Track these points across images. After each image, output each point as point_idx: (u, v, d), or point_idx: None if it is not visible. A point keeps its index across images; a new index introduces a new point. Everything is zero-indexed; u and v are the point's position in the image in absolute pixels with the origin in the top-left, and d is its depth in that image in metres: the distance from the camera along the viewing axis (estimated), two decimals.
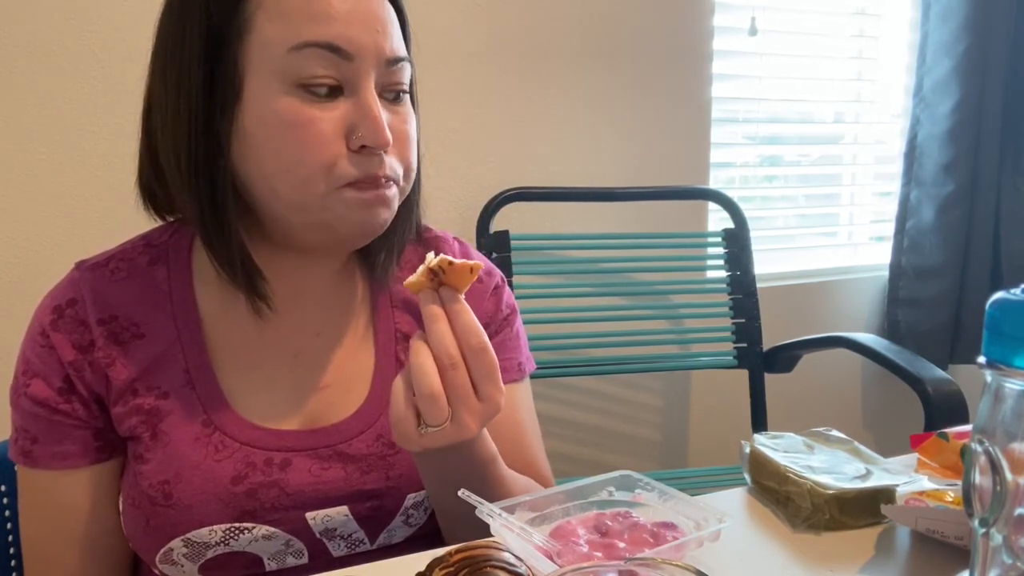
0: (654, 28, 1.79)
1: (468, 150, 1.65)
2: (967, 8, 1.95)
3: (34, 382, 0.71)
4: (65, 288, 0.74)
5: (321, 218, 0.69)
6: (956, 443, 0.77)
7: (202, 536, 0.69)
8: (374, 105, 0.67)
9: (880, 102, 2.19)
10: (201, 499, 0.69)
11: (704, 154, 1.90)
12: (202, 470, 0.70)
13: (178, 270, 0.75)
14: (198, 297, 0.75)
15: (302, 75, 0.66)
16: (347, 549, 0.75)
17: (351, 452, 0.74)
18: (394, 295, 0.82)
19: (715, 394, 1.96)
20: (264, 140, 0.67)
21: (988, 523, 0.43)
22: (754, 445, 0.81)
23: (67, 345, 0.71)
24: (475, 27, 1.62)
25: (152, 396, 0.71)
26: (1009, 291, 0.42)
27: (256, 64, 0.66)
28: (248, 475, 0.71)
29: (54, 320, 0.72)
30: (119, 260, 0.75)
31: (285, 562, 0.73)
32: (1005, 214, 2.08)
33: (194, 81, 0.67)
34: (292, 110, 0.66)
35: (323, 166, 0.67)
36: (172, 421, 0.71)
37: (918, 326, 2.09)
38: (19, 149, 1.31)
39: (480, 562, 0.54)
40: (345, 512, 0.73)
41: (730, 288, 1.75)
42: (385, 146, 0.68)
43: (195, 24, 0.67)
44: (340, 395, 0.76)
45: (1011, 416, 0.42)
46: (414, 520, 0.77)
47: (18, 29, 1.28)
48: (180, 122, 0.68)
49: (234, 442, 0.72)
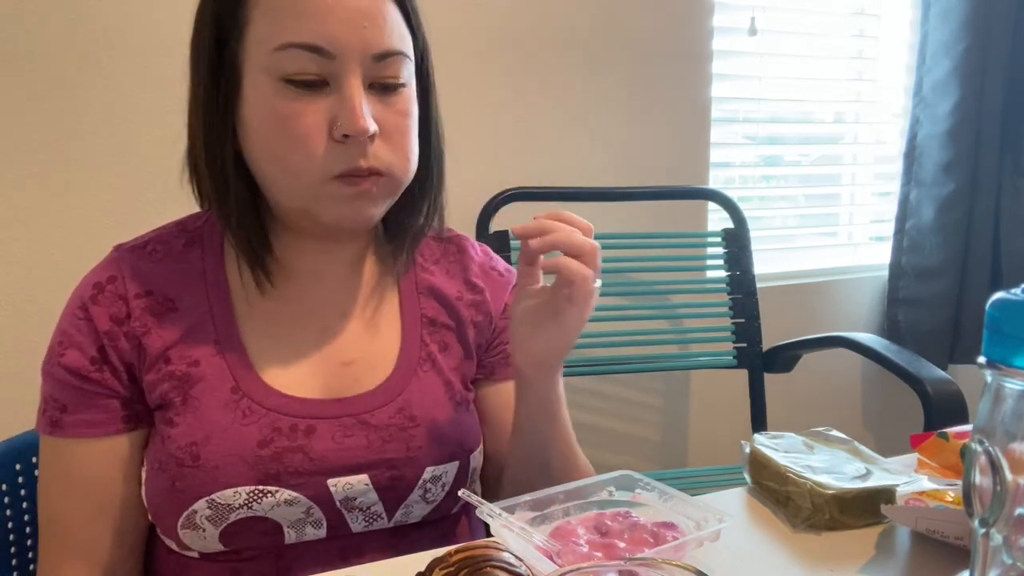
0: (654, 28, 1.79)
1: (468, 150, 1.65)
2: (967, 8, 1.95)
3: (69, 352, 0.74)
4: (105, 267, 0.77)
5: (310, 207, 0.74)
6: (956, 443, 0.78)
7: (226, 497, 0.71)
8: (354, 96, 0.70)
9: (880, 102, 2.20)
10: (228, 460, 0.72)
11: (704, 154, 1.90)
12: (230, 433, 0.73)
13: (211, 252, 0.80)
14: (229, 276, 0.79)
15: (288, 71, 0.69)
16: (365, 524, 0.77)
17: (373, 422, 0.77)
18: (420, 283, 0.85)
19: (715, 394, 1.96)
20: (260, 133, 0.72)
21: (988, 523, 0.43)
22: (754, 445, 0.81)
23: (104, 316, 0.74)
24: (475, 27, 1.62)
25: (184, 364, 0.75)
26: (1009, 291, 0.42)
27: (251, 61, 0.71)
28: (274, 439, 0.73)
29: (94, 295, 0.75)
30: (156, 243, 0.80)
31: (304, 532, 0.75)
32: (1005, 214, 2.08)
33: (204, 75, 0.73)
34: (280, 105, 0.70)
35: (308, 156, 0.70)
36: (202, 387, 0.74)
37: (918, 326, 2.09)
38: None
39: (480, 562, 0.54)
40: (366, 481, 0.75)
41: (730, 288, 1.75)
42: (362, 134, 0.70)
43: (208, 23, 0.72)
44: (365, 370, 0.79)
45: (1011, 416, 0.42)
46: (432, 496, 0.79)
47: (17, 27, 1.28)
48: (198, 113, 0.74)
49: (261, 408, 0.74)
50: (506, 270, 0.91)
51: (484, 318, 0.87)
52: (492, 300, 0.88)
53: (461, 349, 0.85)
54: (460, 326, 0.85)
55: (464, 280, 0.87)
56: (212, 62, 0.72)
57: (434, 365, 0.82)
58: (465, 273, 0.88)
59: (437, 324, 0.84)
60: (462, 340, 0.85)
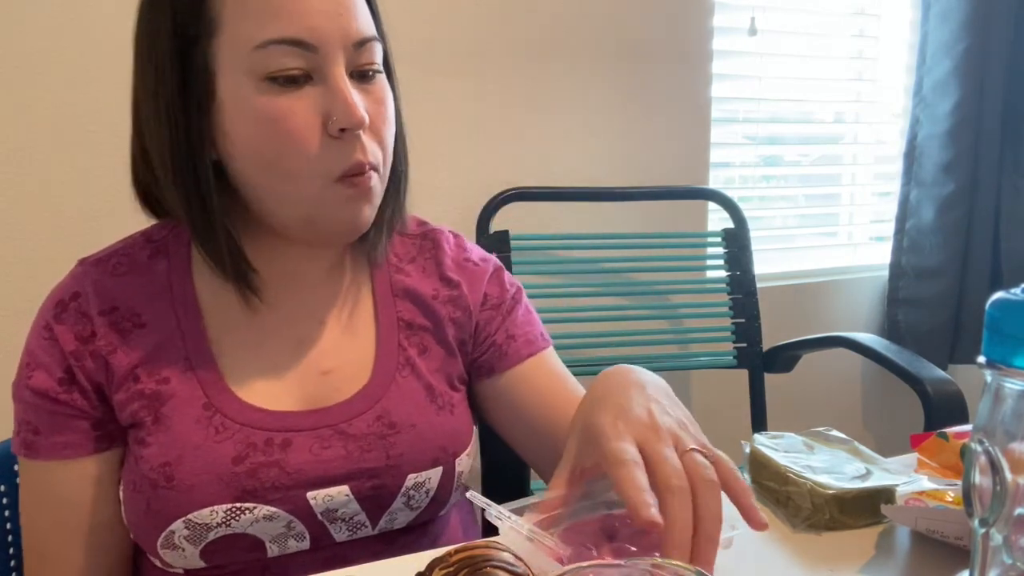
0: (654, 28, 1.79)
1: (468, 150, 1.65)
2: (967, 8, 1.95)
3: (36, 374, 0.73)
4: (68, 283, 0.75)
5: (312, 213, 0.71)
6: (956, 443, 0.77)
7: (203, 517, 0.70)
8: (344, 87, 0.68)
9: (880, 102, 2.19)
10: (202, 480, 0.70)
11: (704, 154, 1.90)
12: (203, 451, 0.71)
13: (178, 262, 0.77)
14: (197, 287, 0.76)
15: (271, 68, 0.67)
16: (349, 533, 0.75)
17: (351, 431, 0.75)
18: (395, 284, 0.83)
19: (715, 394, 1.96)
20: (245, 138, 0.68)
21: (988, 523, 0.43)
22: (754, 445, 0.81)
23: (69, 336, 0.72)
24: (475, 27, 1.62)
25: (153, 381, 0.73)
26: (1009, 291, 0.42)
27: (227, 63, 0.67)
28: (249, 455, 0.72)
29: (57, 313, 0.73)
30: (120, 255, 0.77)
31: (287, 546, 0.73)
32: (1005, 214, 2.08)
33: (168, 83, 0.68)
34: (266, 105, 0.67)
35: (304, 156, 0.68)
36: (173, 405, 0.72)
37: (918, 326, 2.09)
38: (18, 149, 1.31)
39: (480, 562, 0.54)
40: (346, 492, 0.74)
41: (730, 288, 1.75)
42: (359, 125, 0.68)
43: (165, 24, 0.68)
44: (342, 379, 0.77)
45: (1011, 416, 0.42)
46: (415, 502, 0.77)
47: (9, 31, 1.28)
48: (161, 123, 0.69)
49: (234, 423, 0.72)
50: (481, 259, 0.88)
51: (463, 313, 0.84)
52: (469, 293, 0.85)
53: (442, 350, 0.83)
54: (439, 326, 0.83)
55: (439, 276, 0.85)
56: (177, 71, 0.68)
57: (413, 369, 0.80)
58: (440, 268, 0.85)
59: (415, 327, 0.82)
60: (442, 340, 0.83)
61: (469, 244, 0.90)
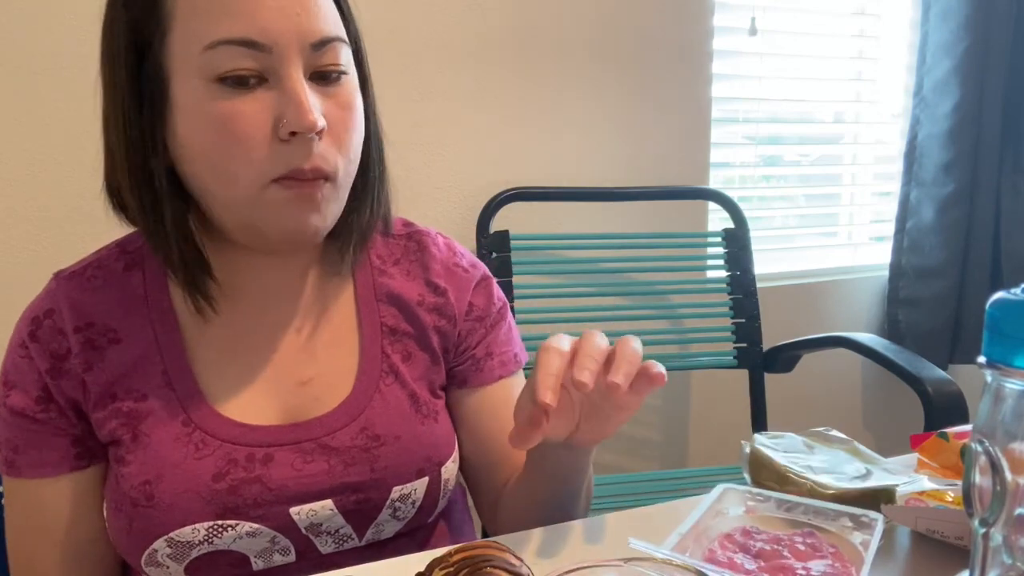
0: (654, 27, 1.79)
1: (468, 150, 1.65)
2: (967, 8, 1.95)
3: (13, 393, 0.72)
4: (43, 299, 0.74)
5: (252, 217, 0.69)
6: (956, 443, 0.78)
7: (185, 535, 0.69)
8: (299, 89, 0.65)
9: (880, 102, 2.19)
10: (183, 498, 0.69)
11: (704, 154, 1.90)
12: (183, 469, 0.70)
13: (153, 274, 0.75)
14: (174, 299, 0.75)
15: (221, 70, 0.64)
16: (336, 545, 0.74)
17: (334, 445, 0.73)
18: (378, 288, 0.81)
19: (715, 394, 1.96)
20: (195, 141, 0.66)
21: (988, 523, 0.43)
22: (754, 445, 0.81)
23: (45, 354, 0.71)
24: (475, 26, 1.62)
25: (131, 399, 0.71)
26: (1009, 291, 0.42)
27: (178, 66, 0.65)
28: (229, 472, 0.70)
29: (32, 331, 0.72)
30: (95, 268, 0.75)
31: (272, 560, 0.72)
32: (1005, 214, 2.08)
33: (121, 85, 0.67)
34: (216, 107, 0.65)
35: (247, 161, 0.65)
36: (152, 422, 0.71)
37: (918, 326, 2.09)
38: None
39: (480, 562, 0.54)
40: (330, 507, 0.73)
41: (730, 288, 1.75)
42: (311, 129, 0.65)
43: (120, 20, 0.67)
44: (324, 389, 0.76)
45: (1011, 416, 0.42)
46: (402, 513, 0.76)
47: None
48: (117, 126, 0.68)
49: (214, 439, 0.71)
50: (471, 265, 0.85)
51: (447, 322, 0.82)
52: (455, 301, 0.82)
53: (426, 356, 0.80)
54: (423, 333, 0.80)
55: (425, 281, 0.82)
56: (131, 72, 0.66)
57: (397, 377, 0.78)
58: (426, 273, 0.82)
59: (398, 333, 0.80)
60: (426, 347, 0.81)
61: (460, 248, 0.87)
